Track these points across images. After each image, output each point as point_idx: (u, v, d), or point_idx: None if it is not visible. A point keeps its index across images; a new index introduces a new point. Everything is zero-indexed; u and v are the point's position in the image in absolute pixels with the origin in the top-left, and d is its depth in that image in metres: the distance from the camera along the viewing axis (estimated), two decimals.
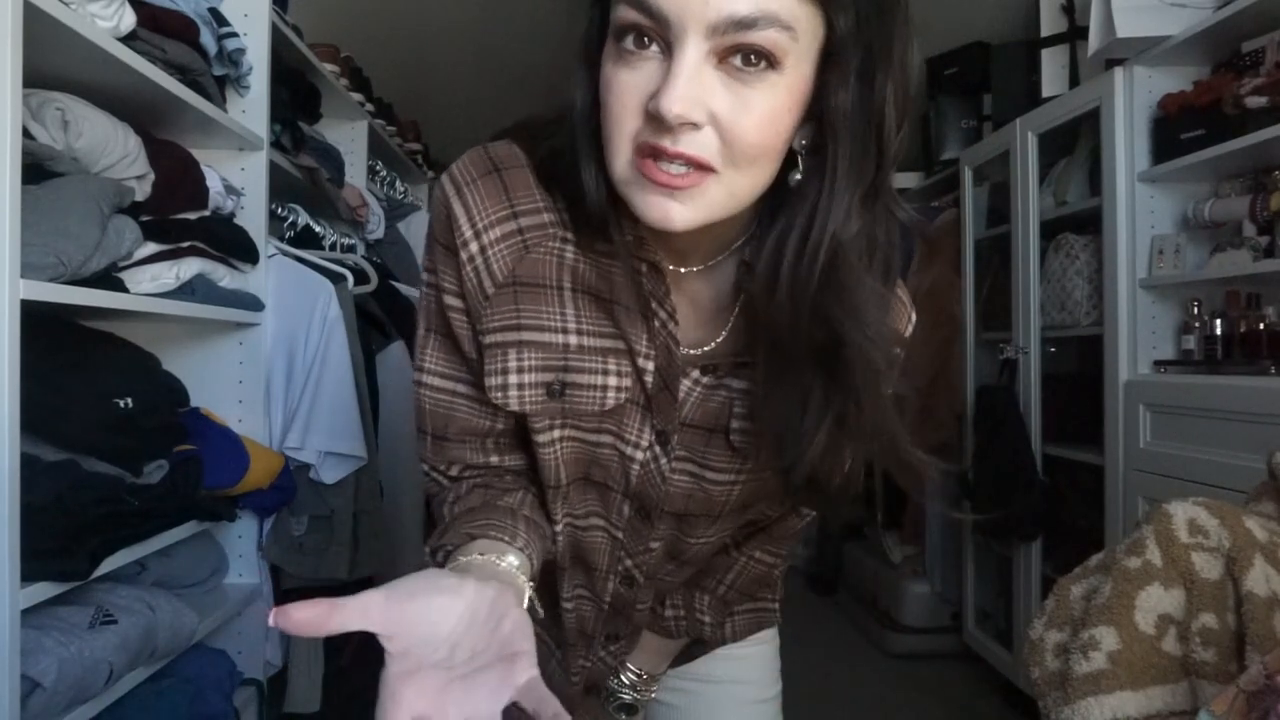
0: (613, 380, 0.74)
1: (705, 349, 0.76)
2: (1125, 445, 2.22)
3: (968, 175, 3.07)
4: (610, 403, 0.75)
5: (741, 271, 0.73)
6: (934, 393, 3.15)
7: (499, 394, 0.74)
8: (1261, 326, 2.01)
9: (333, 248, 2.44)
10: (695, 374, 0.76)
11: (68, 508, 1.28)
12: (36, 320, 1.24)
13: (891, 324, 0.73)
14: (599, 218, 0.69)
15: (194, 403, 1.78)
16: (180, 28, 1.60)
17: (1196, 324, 2.14)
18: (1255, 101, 1.92)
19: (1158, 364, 2.23)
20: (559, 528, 0.81)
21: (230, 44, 1.77)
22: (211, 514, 1.68)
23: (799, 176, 0.65)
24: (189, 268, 1.63)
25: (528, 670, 0.54)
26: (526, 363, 0.73)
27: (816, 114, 0.63)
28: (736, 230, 0.71)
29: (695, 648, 1.00)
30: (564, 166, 0.69)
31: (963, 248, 3.11)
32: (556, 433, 0.76)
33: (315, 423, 1.96)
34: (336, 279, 2.15)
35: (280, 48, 2.09)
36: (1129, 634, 0.74)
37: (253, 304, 1.88)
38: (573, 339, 0.73)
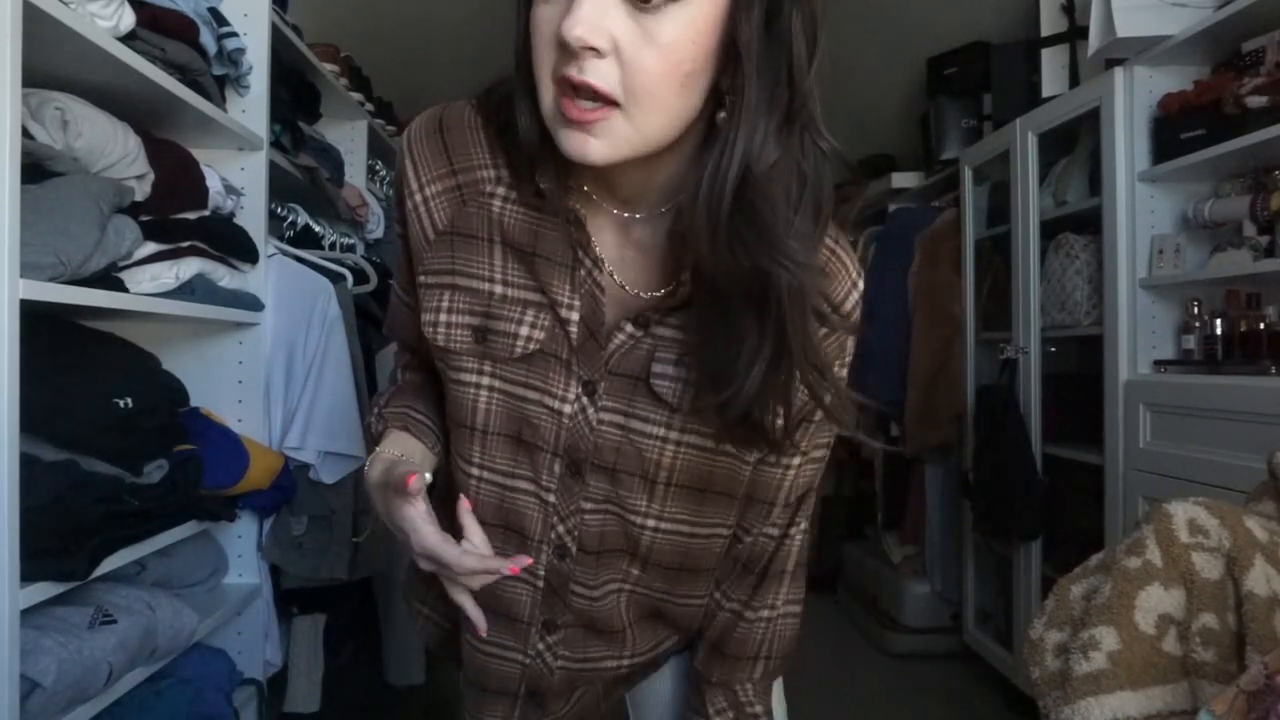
0: (525, 330, 0.78)
1: (648, 295, 0.78)
2: (1125, 445, 2.22)
3: (968, 175, 3.06)
4: (519, 350, 0.78)
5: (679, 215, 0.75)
6: (934, 393, 3.15)
7: (429, 329, 0.80)
8: (1261, 326, 2.01)
9: (332, 247, 2.44)
10: (629, 327, 0.78)
11: (68, 508, 1.27)
12: (36, 320, 1.24)
13: (822, 268, 0.76)
14: (531, 159, 0.73)
15: (194, 403, 1.78)
16: (180, 27, 1.60)
17: (1196, 324, 2.14)
18: (1255, 101, 1.92)
19: (1158, 364, 2.23)
20: (475, 474, 0.83)
21: (230, 44, 1.77)
22: (211, 514, 1.67)
23: (724, 115, 0.67)
24: (189, 267, 1.63)
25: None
26: (457, 305, 0.79)
27: (731, 49, 0.65)
28: (680, 174, 0.72)
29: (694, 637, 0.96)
30: (508, 108, 0.74)
31: (963, 248, 3.10)
32: (485, 380, 0.80)
33: (315, 422, 1.96)
34: (336, 279, 2.15)
35: (280, 47, 2.09)
36: (1129, 634, 0.74)
37: (252, 304, 1.88)
38: (498, 288, 0.79)
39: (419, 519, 0.74)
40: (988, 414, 2.81)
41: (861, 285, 0.83)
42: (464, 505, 0.77)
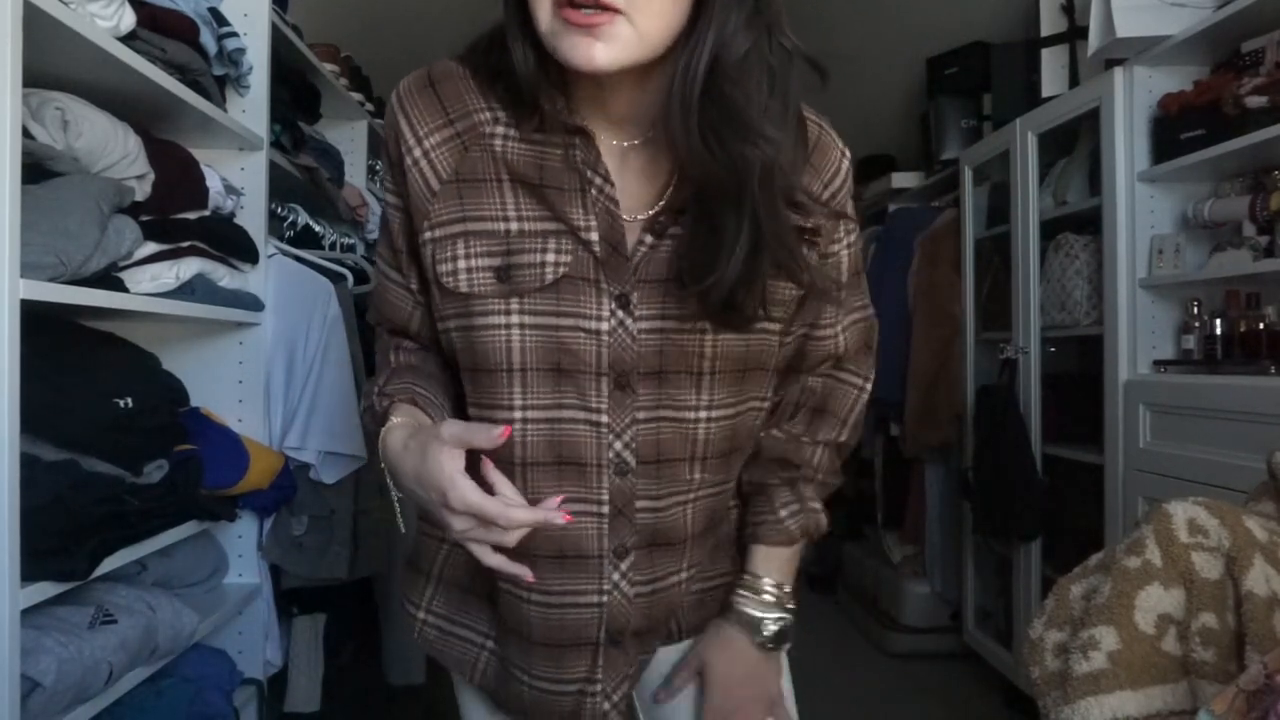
0: (551, 257, 0.79)
1: (651, 211, 0.82)
2: (1125, 445, 2.22)
3: (968, 175, 3.07)
4: (549, 276, 0.79)
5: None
6: (934, 393, 3.15)
7: (450, 279, 0.81)
8: (1261, 326, 2.01)
9: (333, 247, 2.44)
10: (648, 238, 0.81)
11: (68, 508, 1.27)
12: (36, 320, 1.24)
13: (815, 142, 0.83)
14: (530, 87, 0.77)
15: (194, 403, 1.78)
16: (180, 27, 1.60)
17: (1196, 324, 2.14)
18: (1255, 101, 1.92)
19: (1158, 364, 2.23)
20: (518, 417, 0.82)
21: (230, 44, 1.77)
22: (211, 514, 1.67)
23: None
24: (189, 268, 1.63)
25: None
26: (474, 249, 0.80)
27: None
28: (667, 95, 0.75)
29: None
30: (497, 50, 0.78)
31: (963, 248, 3.10)
32: (515, 318, 0.80)
33: (315, 422, 1.96)
34: (336, 279, 2.15)
35: (280, 48, 2.09)
36: (1129, 634, 0.74)
37: (253, 304, 1.88)
38: (514, 225, 0.80)
39: (459, 473, 0.71)
40: (988, 414, 2.81)
41: (849, 156, 0.88)
42: (487, 463, 0.74)
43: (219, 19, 1.77)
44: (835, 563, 4.09)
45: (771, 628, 0.93)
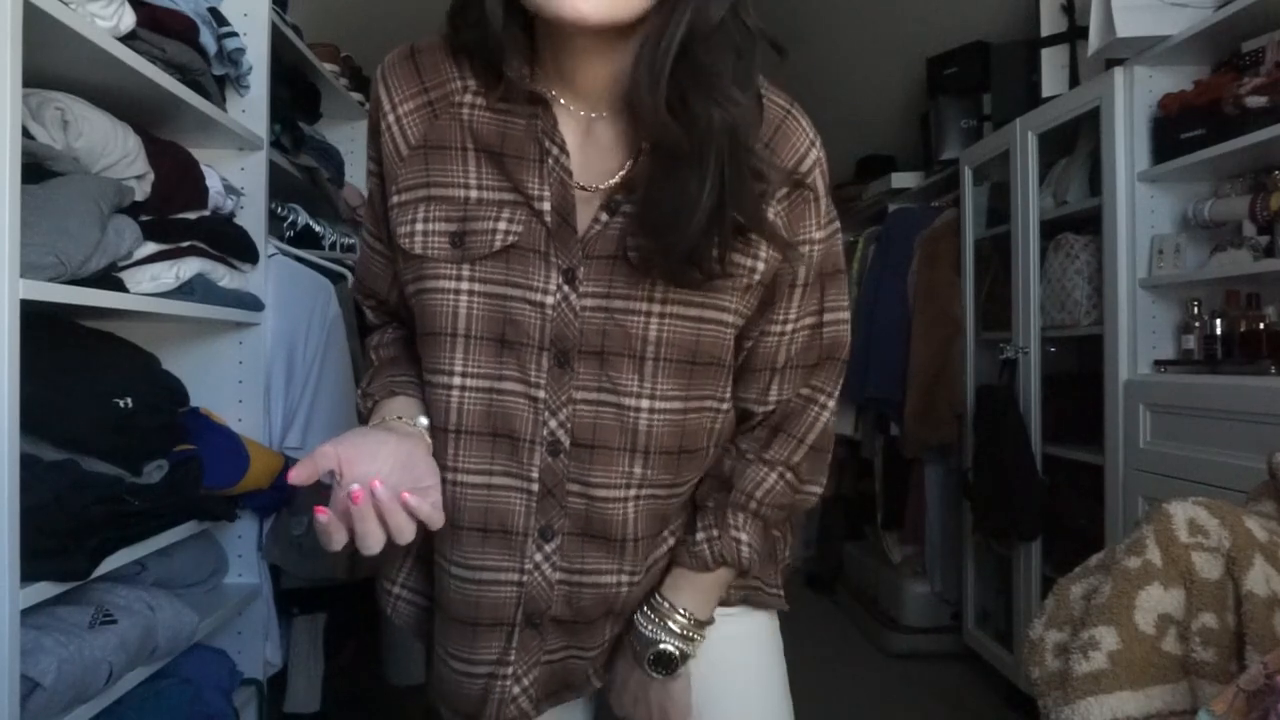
0: (502, 225, 0.81)
1: (609, 183, 0.82)
2: (1125, 445, 2.22)
3: (968, 175, 3.07)
4: (498, 244, 0.81)
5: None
6: (934, 392, 3.15)
7: (407, 241, 0.83)
8: (1261, 326, 2.01)
9: (332, 247, 2.44)
10: (603, 216, 0.82)
11: (68, 508, 1.27)
12: (36, 320, 1.24)
13: (778, 126, 0.83)
14: (497, 48, 0.78)
15: (194, 403, 1.78)
16: (180, 27, 1.60)
17: (1196, 324, 2.14)
18: (1255, 101, 1.92)
19: (1158, 364, 2.23)
20: (456, 383, 0.83)
21: (230, 44, 1.77)
22: (211, 514, 1.67)
23: None
24: (189, 267, 1.63)
25: (435, 495, 0.79)
26: (433, 214, 0.82)
27: None
28: (635, 60, 0.76)
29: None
30: (473, 31, 0.79)
31: (963, 248, 3.10)
32: (465, 284, 0.81)
33: (315, 422, 1.96)
34: (336, 279, 2.15)
35: (280, 47, 2.09)
36: (1129, 634, 0.74)
37: (253, 304, 1.88)
38: (473, 193, 0.82)
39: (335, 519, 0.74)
40: (988, 414, 2.81)
41: (819, 144, 0.86)
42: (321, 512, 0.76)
43: (219, 19, 1.77)
44: (835, 563, 4.09)
45: (660, 648, 0.88)
